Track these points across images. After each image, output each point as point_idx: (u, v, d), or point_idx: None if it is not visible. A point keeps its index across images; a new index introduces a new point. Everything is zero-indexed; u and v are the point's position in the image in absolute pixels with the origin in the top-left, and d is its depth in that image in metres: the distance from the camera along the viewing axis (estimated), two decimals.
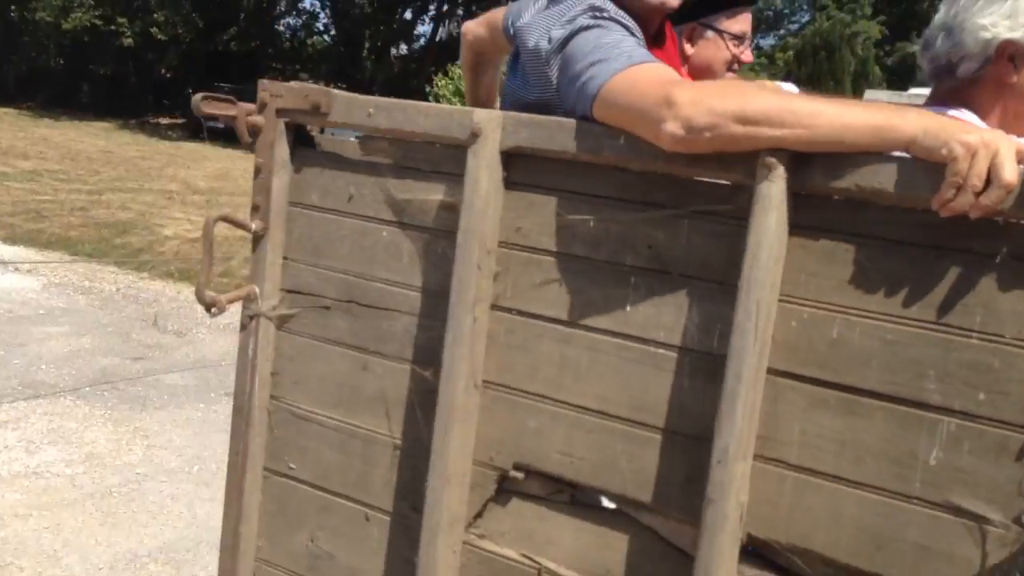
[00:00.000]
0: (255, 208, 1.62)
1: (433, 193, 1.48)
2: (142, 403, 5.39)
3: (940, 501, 1.15)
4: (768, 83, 1.81)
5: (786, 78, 12.49)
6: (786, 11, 32.08)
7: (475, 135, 1.38)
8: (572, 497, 1.40)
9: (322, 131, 1.67)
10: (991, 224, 1.09)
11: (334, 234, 1.58)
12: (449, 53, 27.24)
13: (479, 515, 1.46)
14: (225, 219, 1.57)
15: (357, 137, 1.59)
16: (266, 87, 1.58)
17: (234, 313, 1.65)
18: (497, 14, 1.84)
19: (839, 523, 1.21)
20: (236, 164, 20.42)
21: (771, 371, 1.23)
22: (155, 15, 28.03)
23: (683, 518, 1.30)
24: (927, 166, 1.11)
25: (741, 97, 1.19)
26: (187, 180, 16.54)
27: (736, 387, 1.20)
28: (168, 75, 31.75)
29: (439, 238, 1.47)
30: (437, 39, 35.53)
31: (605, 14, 1.44)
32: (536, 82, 1.49)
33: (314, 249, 1.60)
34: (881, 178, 1.14)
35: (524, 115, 1.40)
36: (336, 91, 1.54)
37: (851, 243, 1.19)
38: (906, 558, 1.17)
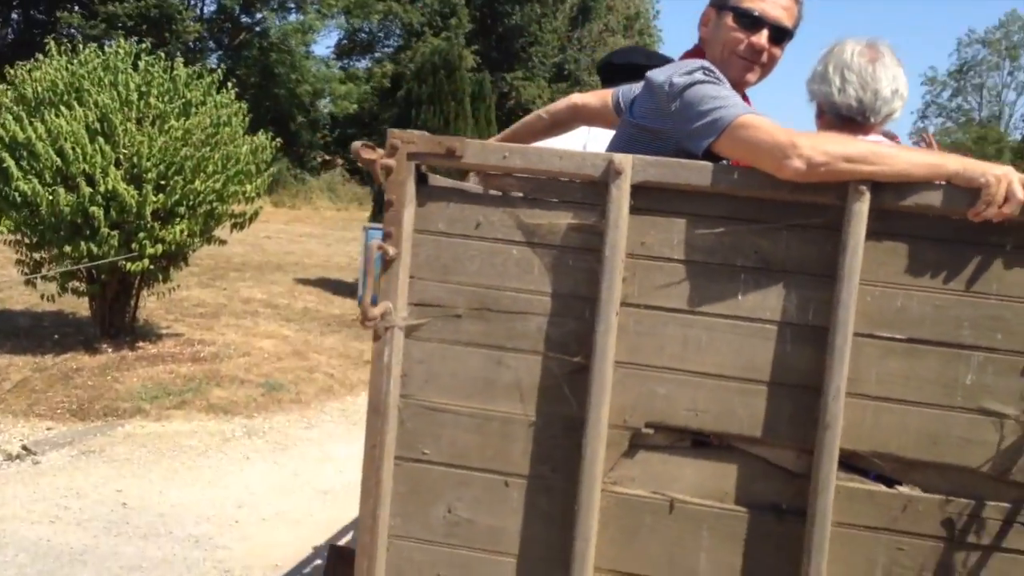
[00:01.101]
0: (387, 236, 1.87)
1: (562, 218, 1.86)
2: None
3: (974, 407, 1.76)
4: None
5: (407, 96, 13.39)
6: (380, 34, 33.61)
7: (618, 173, 1.79)
8: (692, 442, 1.85)
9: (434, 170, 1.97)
10: (1001, 225, 1.72)
11: (462, 255, 1.89)
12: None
13: (612, 467, 1.85)
14: (381, 247, 1.84)
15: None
16: (397, 135, 1.87)
17: None
18: (607, 94, 2.37)
19: (906, 431, 1.78)
20: None
21: (854, 333, 1.75)
22: None
23: (787, 444, 1.81)
24: (961, 189, 1.71)
25: (845, 144, 1.73)
26: None
27: (843, 345, 1.74)
28: None
29: (567, 253, 1.86)
30: None
31: (715, 75, 1.93)
32: (656, 113, 1.97)
33: (443, 268, 1.90)
34: (932, 198, 1.73)
35: (649, 157, 1.82)
36: (468, 139, 1.87)
37: (907, 241, 1.77)
38: (953, 447, 1.77)
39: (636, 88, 2.14)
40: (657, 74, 1.96)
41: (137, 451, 6.30)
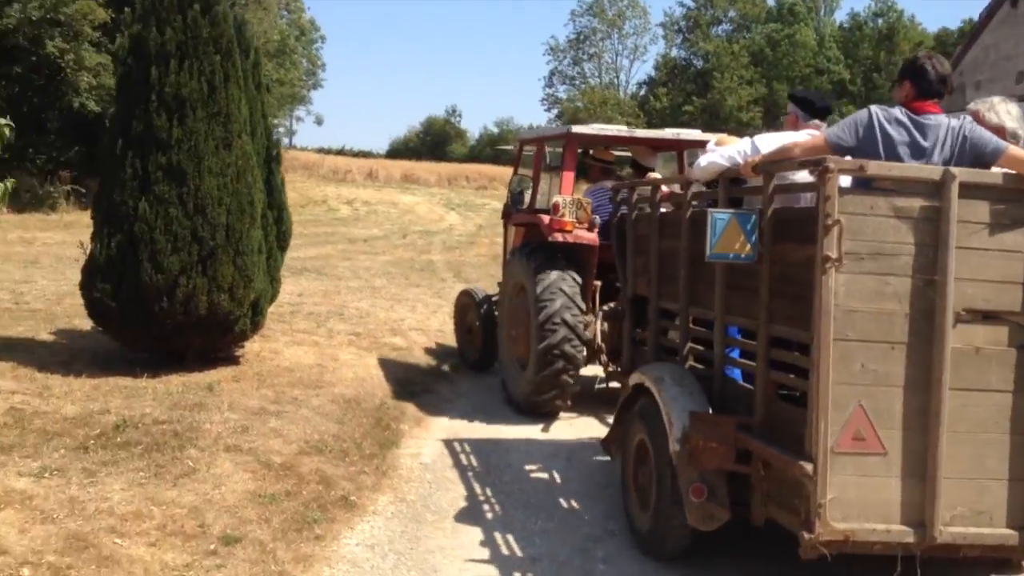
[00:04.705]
0: (831, 218, 3.46)
1: (915, 201, 3.60)
2: None
3: None
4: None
5: None
6: None
7: (953, 176, 3.54)
8: None
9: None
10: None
11: (868, 223, 3.55)
12: None
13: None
14: (838, 227, 3.55)
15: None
16: (837, 162, 3.52)
17: None
18: (821, 141, 3.98)
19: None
20: None
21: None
22: None
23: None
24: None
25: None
26: None
27: None
28: None
29: (920, 221, 3.58)
30: None
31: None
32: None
33: (854, 231, 3.52)
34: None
35: (957, 168, 3.63)
36: (875, 161, 3.69)
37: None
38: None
39: (836, 126, 4.00)
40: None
41: None
